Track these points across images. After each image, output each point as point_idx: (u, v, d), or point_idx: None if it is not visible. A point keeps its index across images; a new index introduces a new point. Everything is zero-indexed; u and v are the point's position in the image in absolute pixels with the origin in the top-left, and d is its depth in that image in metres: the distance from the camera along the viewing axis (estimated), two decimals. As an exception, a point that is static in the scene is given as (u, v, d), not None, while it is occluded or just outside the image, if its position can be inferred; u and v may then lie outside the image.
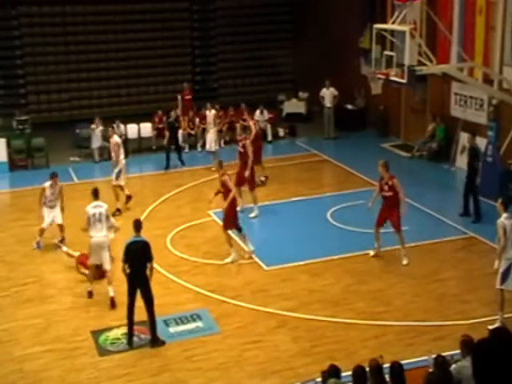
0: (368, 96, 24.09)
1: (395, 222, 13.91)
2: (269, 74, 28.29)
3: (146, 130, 22.77)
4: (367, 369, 8.03)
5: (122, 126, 21.49)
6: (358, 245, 14.77)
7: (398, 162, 20.86)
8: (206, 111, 21.63)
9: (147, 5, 26.77)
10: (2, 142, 20.75)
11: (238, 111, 22.82)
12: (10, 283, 13.76)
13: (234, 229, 14.56)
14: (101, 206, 13.08)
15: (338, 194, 18.30)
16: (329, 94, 23.36)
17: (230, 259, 14.39)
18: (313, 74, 25.05)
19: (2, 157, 20.66)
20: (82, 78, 26.23)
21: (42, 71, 25.81)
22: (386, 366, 8.21)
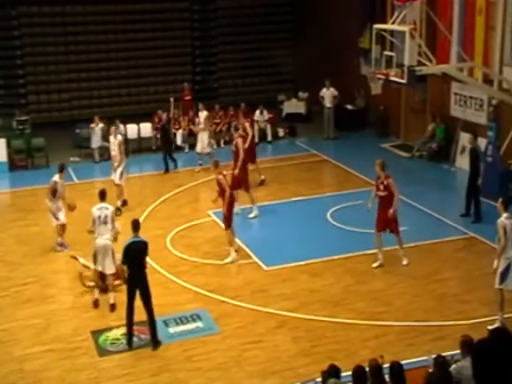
0: (368, 96, 24.08)
1: (392, 226, 13.85)
2: (269, 74, 28.28)
3: (145, 130, 22.76)
4: (367, 369, 8.03)
5: (121, 126, 21.46)
6: (358, 245, 14.77)
7: (398, 162, 20.87)
8: (199, 112, 21.34)
9: (147, 5, 26.76)
10: (1, 142, 20.74)
11: (238, 111, 22.82)
12: (10, 283, 13.76)
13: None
14: (107, 208, 12.74)
15: (338, 194, 18.29)
16: (329, 94, 23.34)
17: (229, 259, 14.40)
18: (313, 74, 25.04)
19: (2, 157, 20.65)
20: (82, 78, 26.22)
21: (42, 71, 25.80)
22: (386, 366, 8.21)
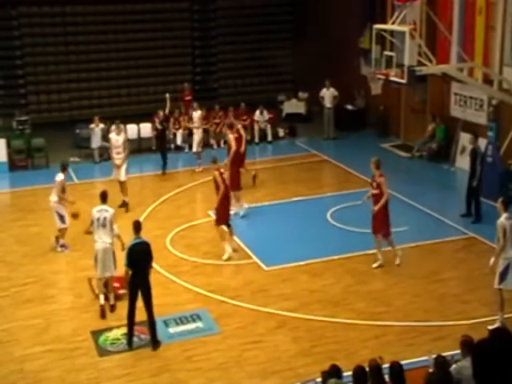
0: (368, 96, 24.08)
1: (382, 231, 13.78)
2: (269, 74, 28.27)
3: (145, 130, 22.75)
4: (367, 369, 8.03)
5: (121, 126, 21.41)
6: (358, 245, 14.76)
7: (398, 162, 20.89)
8: (193, 112, 21.33)
9: (147, 5, 26.77)
10: (1, 143, 20.74)
11: (238, 111, 22.83)
12: (10, 283, 13.76)
13: (224, 224, 14.64)
14: (107, 210, 12.55)
15: (338, 194, 18.29)
16: (329, 95, 23.34)
17: (226, 255, 14.41)
18: (313, 74, 25.05)
19: (2, 157, 20.65)
20: (81, 78, 26.22)
21: (42, 71, 25.80)
22: (386, 366, 8.21)
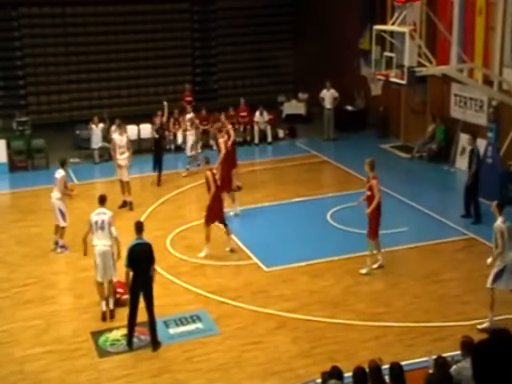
0: (368, 97, 24.08)
1: (371, 230, 13.80)
2: (269, 75, 28.28)
3: (145, 131, 22.71)
4: (367, 370, 8.02)
5: (124, 126, 21.38)
6: (358, 246, 14.71)
7: (398, 163, 20.89)
8: (186, 114, 21.24)
9: (148, 6, 26.79)
10: (2, 143, 20.74)
11: (238, 111, 22.85)
12: (10, 284, 13.76)
13: (220, 223, 14.74)
14: (104, 213, 12.44)
15: (338, 194, 18.29)
16: (329, 96, 23.34)
17: (202, 254, 14.61)
18: (313, 74, 25.06)
19: (2, 158, 20.65)
20: (82, 79, 26.24)
21: (42, 72, 25.81)
22: (386, 367, 8.21)
